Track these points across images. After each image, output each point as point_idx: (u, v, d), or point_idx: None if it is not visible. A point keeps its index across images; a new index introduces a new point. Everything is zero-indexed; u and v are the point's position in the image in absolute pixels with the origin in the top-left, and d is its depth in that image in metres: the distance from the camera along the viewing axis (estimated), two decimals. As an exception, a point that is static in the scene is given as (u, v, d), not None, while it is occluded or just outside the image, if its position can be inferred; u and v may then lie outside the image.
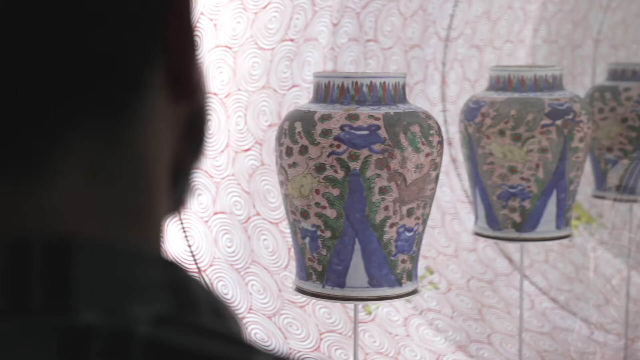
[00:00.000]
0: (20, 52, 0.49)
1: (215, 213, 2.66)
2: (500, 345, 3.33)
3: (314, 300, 2.74)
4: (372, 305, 3.01)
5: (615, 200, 3.08)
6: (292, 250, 2.86)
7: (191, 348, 0.49)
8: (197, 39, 0.57)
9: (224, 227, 2.68)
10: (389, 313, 3.11)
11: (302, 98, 2.95)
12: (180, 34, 0.55)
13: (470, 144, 2.59)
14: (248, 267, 2.71)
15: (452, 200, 3.66)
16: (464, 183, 3.72)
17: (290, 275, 2.80)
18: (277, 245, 2.85)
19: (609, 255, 4.09)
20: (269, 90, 2.84)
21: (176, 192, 0.62)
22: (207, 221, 2.63)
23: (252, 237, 2.77)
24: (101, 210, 0.52)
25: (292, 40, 2.91)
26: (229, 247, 2.68)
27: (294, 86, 2.94)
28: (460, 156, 3.50)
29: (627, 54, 5.16)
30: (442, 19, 3.67)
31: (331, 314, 2.91)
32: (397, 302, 3.07)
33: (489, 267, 3.67)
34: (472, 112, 2.59)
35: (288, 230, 2.86)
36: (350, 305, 2.89)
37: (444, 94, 3.78)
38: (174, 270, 0.53)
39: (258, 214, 2.80)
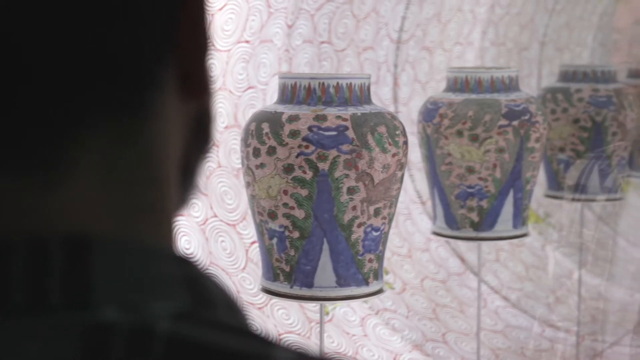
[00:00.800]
0: (37, 50, 0.50)
1: (174, 215, 2.65)
2: (455, 344, 3.37)
3: (272, 301, 2.75)
4: (330, 305, 3.02)
5: (573, 200, 3.13)
6: (250, 252, 2.87)
7: (211, 343, 0.49)
8: (209, 38, 0.58)
9: (182, 229, 2.67)
10: (346, 313, 3.13)
11: (258, 99, 2.95)
12: (192, 33, 0.56)
13: (429, 145, 2.62)
14: (206, 269, 2.71)
15: (405, 201, 3.69)
16: (416, 184, 3.76)
17: (248, 277, 2.81)
18: (235, 247, 2.85)
19: (557, 254, 4.16)
20: (225, 91, 2.84)
21: (183, 191, 0.62)
22: (166, 223, 2.62)
23: (210, 238, 2.77)
24: (116, 208, 0.53)
25: (247, 41, 2.91)
26: (187, 249, 2.68)
27: (249, 88, 2.94)
28: (412, 157, 3.53)
29: (572, 56, 5.25)
30: (394, 21, 3.71)
31: (289, 315, 2.92)
32: (353, 303, 3.09)
33: (442, 266, 3.71)
34: (430, 113, 2.62)
35: (246, 232, 2.86)
36: (308, 305, 2.90)
37: (396, 95, 3.81)
38: (188, 266, 0.54)
39: (215, 216, 2.80)
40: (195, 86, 0.57)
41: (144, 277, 0.51)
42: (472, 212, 2.61)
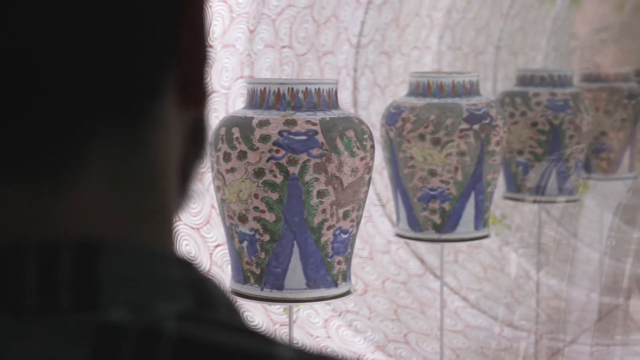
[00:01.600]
0: (48, 60, 0.52)
1: (139, 219, 2.66)
2: (417, 344, 3.41)
3: (237, 303, 2.77)
4: (294, 307, 3.05)
5: (534, 202, 3.19)
6: (214, 255, 2.88)
7: (216, 342, 0.51)
8: (207, 50, 0.60)
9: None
10: (309, 315, 3.15)
11: (220, 104, 2.97)
12: (192, 45, 0.58)
13: (392, 148, 2.66)
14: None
15: (366, 203, 3.73)
16: (376, 187, 3.80)
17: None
18: (199, 250, 2.87)
19: (514, 255, 4.23)
20: (188, 96, 2.85)
21: (180, 196, 0.65)
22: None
23: (174, 242, 2.78)
24: (121, 212, 0.55)
25: (210, 46, 2.93)
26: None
27: (212, 92, 2.96)
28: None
29: (526, 59, 5.33)
30: (354, 25, 3.74)
31: (253, 317, 2.94)
32: (316, 305, 3.12)
33: (402, 268, 3.75)
34: (393, 117, 2.66)
35: (209, 235, 2.88)
36: (272, 308, 2.93)
37: (355, 99, 3.85)
38: (190, 269, 0.55)
39: (179, 220, 2.81)
40: (194, 95, 0.59)
41: (149, 279, 0.53)
42: (435, 214, 2.65)
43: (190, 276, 0.55)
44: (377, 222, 3.75)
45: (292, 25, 3.34)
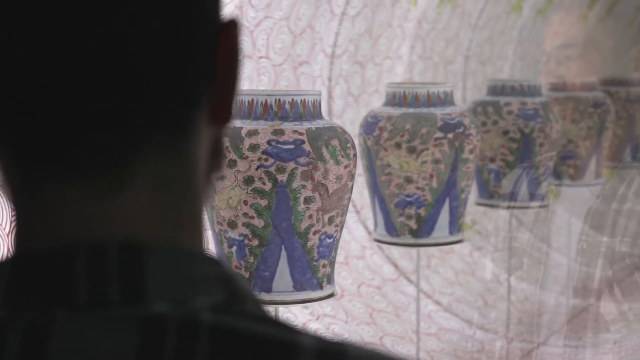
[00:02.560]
0: (104, 80, 0.59)
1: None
2: (392, 347, 3.49)
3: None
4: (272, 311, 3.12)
5: (508, 207, 3.29)
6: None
7: (247, 331, 0.58)
8: (239, 74, 0.67)
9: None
10: (287, 319, 3.23)
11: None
12: (227, 66, 0.66)
13: (369, 156, 2.75)
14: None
15: (341, 210, 3.81)
16: (351, 194, 3.87)
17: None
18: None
19: (484, 260, 4.32)
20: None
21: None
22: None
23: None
24: (162, 215, 0.62)
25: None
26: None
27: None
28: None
29: (494, 69, 5.42)
30: (328, 36, 3.82)
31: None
32: (295, 308, 3.19)
33: (377, 273, 3.84)
34: (370, 126, 2.75)
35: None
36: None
37: (330, 108, 3.92)
38: (219, 266, 0.63)
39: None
40: (222, 115, 0.67)
41: (187, 276, 0.60)
42: (411, 219, 2.74)
43: (221, 273, 0.62)
44: (352, 228, 3.84)
45: (269, 36, 3.42)
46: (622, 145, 4.11)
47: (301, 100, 2.01)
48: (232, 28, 0.66)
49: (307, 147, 1.95)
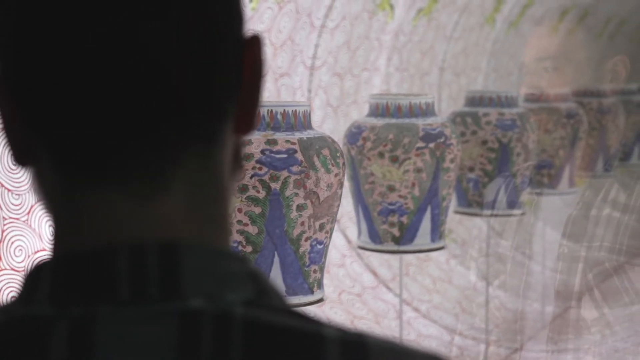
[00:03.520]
0: (145, 93, 0.64)
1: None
2: (373, 353, 3.54)
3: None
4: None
5: (491, 215, 3.36)
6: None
7: (276, 323, 0.63)
8: (262, 87, 0.72)
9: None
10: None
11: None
12: (251, 78, 0.71)
13: (353, 165, 2.82)
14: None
15: (321, 219, 3.87)
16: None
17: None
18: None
19: (461, 268, 4.39)
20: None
21: None
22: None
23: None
24: (195, 218, 0.67)
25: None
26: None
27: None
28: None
29: (468, 80, 5.50)
30: (308, 48, 3.87)
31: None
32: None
33: (357, 281, 3.90)
34: (354, 136, 2.82)
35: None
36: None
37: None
38: (246, 264, 0.68)
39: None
40: (245, 124, 0.71)
41: (219, 273, 0.65)
42: (394, 227, 2.81)
43: (248, 270, 0.67)
44: (333, 237, 3.89)
45: (251, 49, 3.46)
46: (595, 154, 4.20)
47: (292, 111, 2.07)
48: (255, 43, 0.70)
49: (299, 156, 2.01)
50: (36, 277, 0.65)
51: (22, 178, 2.33)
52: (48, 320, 0.62)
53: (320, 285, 2.16)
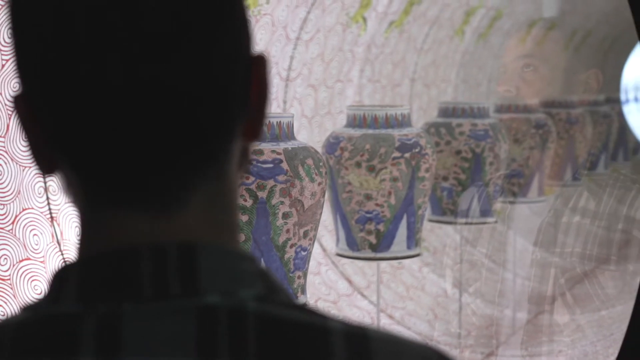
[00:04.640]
0: (166, 119, 0.68)
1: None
2: (350, 359, 3.60)
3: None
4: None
5: (466, 223, 3.44)
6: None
7: (286, 317, 0.68)
8: (268, 100, 0.77)
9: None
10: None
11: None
12: (259, 94, 0.75)
13: (331, 175, 2.88)
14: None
15: (297, 227, 3.92)
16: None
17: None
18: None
19: (433, 275, 4.46)
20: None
21: None
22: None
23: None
24: (210, 226, 0.72)
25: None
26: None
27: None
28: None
29: (438, 91, 5.56)
30: (284, 60, 3.93)
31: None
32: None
33: (332, 288, 3.95)
34: (332, 146, 2.89)
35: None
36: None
37: (285, 129, 4.02)
38: (256, 263, 0.73)
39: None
40: (253, 131, 0.76)
41: (233, 272, 0.70)
42: (371, 235, 2.88)
43: (258, 268, 0.72)
44: (308, 245, 3.95)
45: (228, 61, 3.51)
46: (564, 164, 4.29)
47: (277, 122, 2.13)
48: (261, 62, 0.75)
49: (285, 165, 2.08)
50: (62, 277, 0.69)
51: (7, 188, 2.36)
52: (76, 316, 0.66)
53: (303, 290, 2.22)
